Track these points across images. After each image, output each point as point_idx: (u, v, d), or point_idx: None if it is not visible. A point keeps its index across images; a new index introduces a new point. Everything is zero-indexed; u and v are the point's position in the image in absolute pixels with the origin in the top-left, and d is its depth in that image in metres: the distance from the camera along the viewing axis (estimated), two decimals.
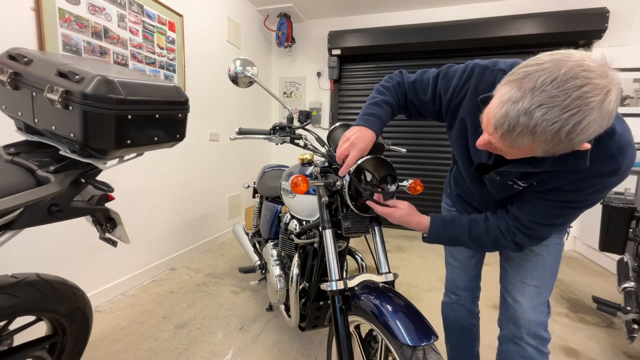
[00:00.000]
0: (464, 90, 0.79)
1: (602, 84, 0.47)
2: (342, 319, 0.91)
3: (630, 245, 1.72)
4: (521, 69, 0.53)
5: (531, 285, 0.89)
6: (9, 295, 0.82)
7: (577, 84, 0.47)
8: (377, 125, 0.87)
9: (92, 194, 0.96)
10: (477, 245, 0.86)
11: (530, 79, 0.50)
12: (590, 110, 0.48)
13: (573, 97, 0.47)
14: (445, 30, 3.05)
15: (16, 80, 0.79)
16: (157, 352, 1.46)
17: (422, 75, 0.91)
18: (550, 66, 0.49)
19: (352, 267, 2.30)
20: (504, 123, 0.53)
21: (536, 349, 0.87)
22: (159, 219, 2.23)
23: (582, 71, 0.47)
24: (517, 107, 0.51)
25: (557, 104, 0.48)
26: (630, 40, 2.81)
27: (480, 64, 0.78)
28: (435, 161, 3.51)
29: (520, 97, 0.51)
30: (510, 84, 0.53)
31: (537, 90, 0.49)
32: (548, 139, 0.51)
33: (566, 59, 0.49)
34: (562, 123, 0.49)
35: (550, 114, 0.49)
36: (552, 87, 0.48)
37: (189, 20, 2.38)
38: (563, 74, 0.48)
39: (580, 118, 0.48)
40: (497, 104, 0.55)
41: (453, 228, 0.87)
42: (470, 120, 0.80)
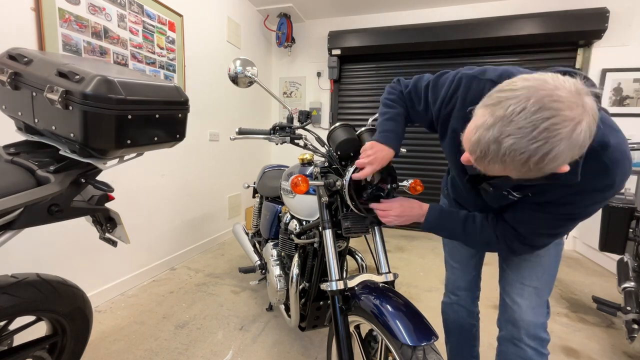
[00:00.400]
0: (453, 101, 0.80)
1: (571, 116, 0.47)
2: (342, 319, 0.91)
3: (630, 245, 1.72)
4: (495, 94, 0.53)
5: (530, 286, 0.89)
6: (9, 295, 0.82)
7: (545, 116, 0.47)
8: (396, 142, 0.90)
9: (92, 194, 0.96)
10: (468, 241, 0.89)
11: (501, 106, 0.51)
12: (558, 141, 0.48)
13: (540, 129, 0.48)
14: (445, 30, 3.05)
15: (16, 80, 0.79)
16: (157, 352, 1.46)
17: (417, 84, 0.91)
18: (521, 94, 0.50)
19: (352, 267, 2.30)
20: (476, 149, 0.55)
21: (535, 350, 0.87)
22: (159, 219, 2.23)
23: (552, 102, 0.47)
24: (487, 135, 0.52)
25: (525, 135, 0.49)
26: (630, 40, 2.81)
27: (468, 74, 0.77)
28: (435, 161, 3.51)
29: (491, 124, 0.51)
30: (484, 109, 0.54)
31: (507, 119, 0.50)
32: (517, 167, 0.53)
33: (539, 86, 0.49)
34: (530, 154, 0.49)
35: (518, 145, 0.49)
36: (521, 118, 0.49)
37: (189, 20, 2.38)
38: (532, 104, 0.48)
39: (548, 149, 0.49)
40: (471, 128, 0.56)
41: (449, 220, 0.88)
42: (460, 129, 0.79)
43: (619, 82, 2.85)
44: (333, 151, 1.02)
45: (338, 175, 1.01)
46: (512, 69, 0.73)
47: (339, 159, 1.02)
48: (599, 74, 2.91)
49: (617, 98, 2.87)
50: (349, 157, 1.02)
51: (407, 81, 0.95)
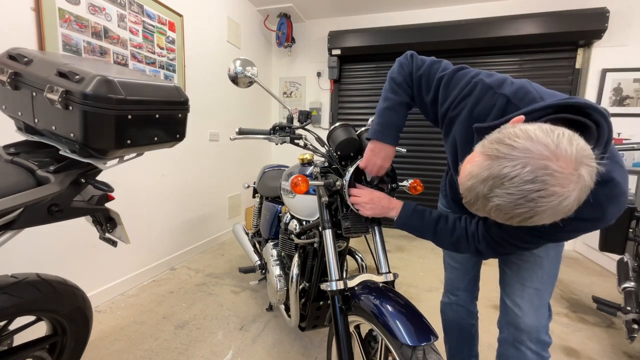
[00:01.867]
0: (461, 106, 0.77)
1: (560, 192, 0.48)
2: (342, 319, 0.91)
3: (630, 245, 1.72)
4: (496, 145, 0.53)
5: (530, 287, 0.88)
6: (9, 295, 0.82)
7: (535, 188, 0.49)
8: (393, 136, 0.90)
9: (92, 194, 0.96)
10: (437, 241, 0.89)
11: (497, 164, 0.51)
12: (542, 211, 0.50)
13: (527, 199, 0.50)
14: (445, 30, 3.05)
15: (16, 80, 0.79)
16: (157, 352, 1.46)
17: (431, 69, 0.85)
18: (518, 156, 0.50)
19: (352, 267, 2.30)
20: (467, 195, 0.57)
21: (537, 354, 0.86)
22: (159, 219, 2.23)
23: (545, 175, 0.48)
24: (479, 188, 0.54)
25: (512, 200, 0.51)
26: (630, 40, 2.81)
27: (485, 82, 0.73)
28: (435, 161, 3.50)
29: (484, 178, 0.53)
30: (483, 158, 0.54)
31: (499, 180, 0.51)
32: (501, 220, 0.56)
33: (537, 153, 0.49)
34: (513, 215, 0.52)
35: (504, 206, 0.52)
36: (512, 184, 0.50)
37: (189, 20, 2.38)
38: (526, 172, 0.49)
39: (531, 215, 0.51)
40: (467, 173, 0.56)
41: (421, 219, 0.89)
42: (461, 141, 0.79)
43: (619, 82, 2.85)
44: (333, 151, 1.03)
45: (338, 175, 1.01)
46: (528, 86, 0.70)
47: (339, 159, 1.02)
48: (599, 74, 2.91)
49: (617, 98, 2.87)
50: (349, 157, 1.02)
51: (422, 61, 0.87)
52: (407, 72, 0.88)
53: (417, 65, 0.87)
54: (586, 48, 2.95)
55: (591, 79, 2.94)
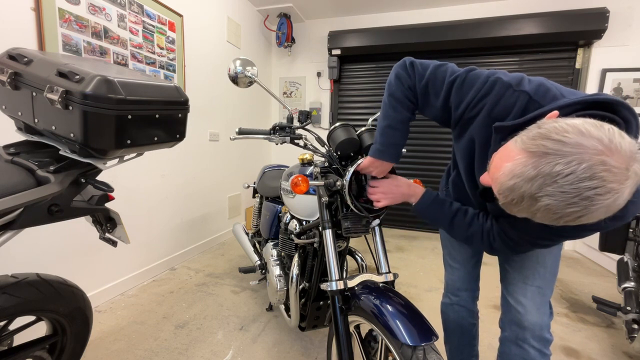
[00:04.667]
0: (479, 107, 0.73)
1: (617, 188, 0.46)
2: (342, 319, 0.91)
3: (630, 245, 1.72)
4: (541, 141, 0.50)
5: (533, 285, 0.88)
6: (9, 295, 0.82)
7: (592, 185, 0.45)
8: (394, 155, 0.89)
9: (92, 194, 0.96)
10: (452, 232, 0.88)
11: (547, 162, 0.48)
12: (596, 209, 0.47)
13: (582, 197, 0.46)
14: (445, 30, 3.05)
15: (16, 80, 0.79)
16: (157, 352, 1.46)
17: (437, 73, 0.80)
18: (571, 152, 0.47)
19: (352, 267, 2.30)
20: (508, 195, 0.53)
21: (539, 352, 0.87)
22: (159, 219, 2.23)
23: (603, 171, 0.45)
24: (525, 187, 0.50)
25: (565, 199, 0.47)
26: (630, 40, 2.81)
27: (503, 81, 0.71)
28: (435, 161, 3.51)
29: (532, 177, 0.49)
30: (526, 155, 0.50)
31: (551, 178, 0.47)
32: (545, 221, 0.52)
33: (592, 149, 0.46)
34: (563, 214, 0.49)
35: (554, 206, 0.48)
36: (566, 182, 0.46)
37: (189, 20, 2.38)
38: (582, 170, 0.45)
39: (583, 214, 0.48)
40: (507, 171, 0.52)
41: (440, 210, 0.88)
42: (480, 141, 0.76)
43: (619, 82, 2.85)
44: (333, 151, 1.03)
45: (338, 175, 1.01)
46: (547, 83, 0.68)
47: (339, 159, 1.02)
48: (599, 74, 2.91)
49: None
50: (349, 157, 1.02)
51: (423, 69, 0.82)
52: (407, 87, 0.84)
53: (420, 74, 0.83)
54: (586, 48, 2.95)
55: (591, 79, 2.94)
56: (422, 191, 0.91)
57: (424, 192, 0.91)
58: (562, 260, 2.82)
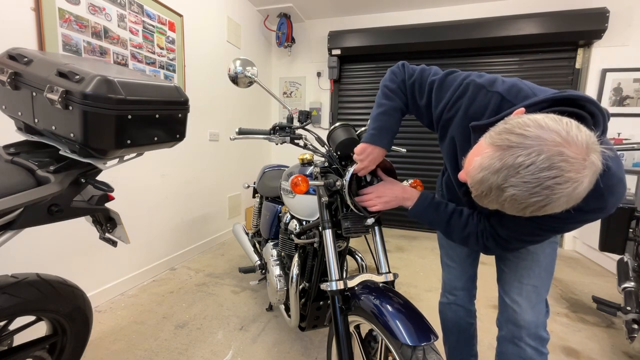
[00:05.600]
0: (456, 108, 0.77)
1: (575, 177, 0.49)
2: (342, 319, 0.91)
3: (630, 245, 1.72)
4: (505, 135, 0.53)
5: (528, 284, 0.89)
6: (9, 295, 0.82)
7: (551, 175, 0.49)
8: (387, 140, 0.89)
9: (92, 194, 0.96)
10: (449, 234, 0.89)
11: (510, 154, 0.51)
12: (557, 198, 0.50)
13: (543, 186, 0.50)
14: (445, 30, 3.05)
15: (16, 80, 0.79)
16: (157, 352, 1.46)
17: (422, 75, 0.87)
18: (532, 145, 0.50)
19: (352, 267, 2.30)
20: (478, 187, 0.56)
21: (535, 350, 0.87)
22: (159, 219, 2.23)
23: (561, 161, 0.48)
24: (492, 179, 0.53)
25: (528, 189, 0.50)
26: (630, 40, 2.81)
27: (476, 82, 0.75)
28: (435, 161, 3.51)
29: (497, 169, 0.52)
30: (493, 149, 0.54)
31: (514, 169, 0.51)
32: (513, 212, 0.56)
33: (550, 141, 0.49)
34: (528, 204, 0.52)
35: (519, 196, 0.52)
36: (527, 173, 0.50)
37: (189, 20, 2.38)
38: (541, 160, 0.49)
39: (546, 203, 0.51)
40: (477, 165, 0.56)
41: (436, 212, 0.89)
42: (460, 140, 0.79)
43: (619, 82, 2.85)
44: (333, 151, 1.03)
45: (338, 175, 1.01)
46: (520, 84, 0.72)
47: (339, 159, 1.02)
48: (599, 74, 2.91)
49: (617, 98, 2.87)
50: (349, 157, 1.02)
51: (413, 69, 0.89)
52: (400, 80, 0.90)
53: (409, 73, 0.89)
54: (586, 48, 2.95)
55: (591, 79, 2.94)
56: (418, 194, 0.91)
57: (419, 195, 0.91)
58: (562, 260, 2.82)
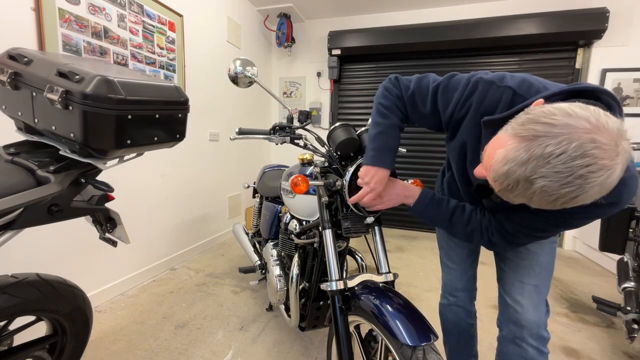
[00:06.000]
0: (467, 106, 0.76)
1: (609, 164, 0.47)
2: (342, 319, 0.91)
3: (630, 245, 1.72)
4: (531, 125, 0.51)
5: (529, 284, 0.89)
6: (9, 295, 0.82)
7: (584, 163, 0.46)
8: (389, 160, 0.86)
9: (92, 194, 0.96)
10: (452, 230, 0.88)
11: (538, 144, 0.49)
12: (590, 188, 0.48)
13: (576, 175, 0.47)
14: (445, 30, 3.05)
15: (16, 80, 0.79)
16: (157, 352, 1.46)
17: (421, 84, 0.84)
18: (561, 133, 0.48)
19: (352, 267, 2.30)
20: (503, 181, 0.54)
21: (537, 350, 0.87)
22: (159, 219, 2.23)
23: (593, 148, 0.46)
24: (519, 171, 0.51)
25: (559, 179, 0.48)
26: (630, 40, 2.81)
27: (485, 79, 0.73)
28: (435, 161, 3.51)
29: (525, 160, 0.50)
30: (517, 140, 0.52)
31: (543, 159, 0.48)
32: (542, 204, 0.53)
33: (580, 127, 0.47)
34: (559, 195, 0.50)
35: (550, 187, 0.49)
36: (558, 162, 0.47)
37: (189, 20, 2.38)
38: (573, 148, 0.47)
39: (578, 194, 0.49)
40: (501, 158, 0.53)
41: (437, 209, 0.88)
42: (471, 140, 0.78)
43: (619, 82, 2.85)
44: (333, 151, 1.03)
45: (338, 175, 1.01)
46: (530, 78, 0.70)
47: (339, 159, 1.02)
48: (599, 74, 2.91)
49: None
50: (349, 157, 1.02)
51: (407, 81, 0.87)
52: (395, 95, 0.87)
53: (405, 86, 0.87)
54: (586, 48, 2.95)
55: (591, 79, 2.94)
56: (419, 191, 0.90)
57: (420, 192, 0.90)
58: (562, 260, 2.82)
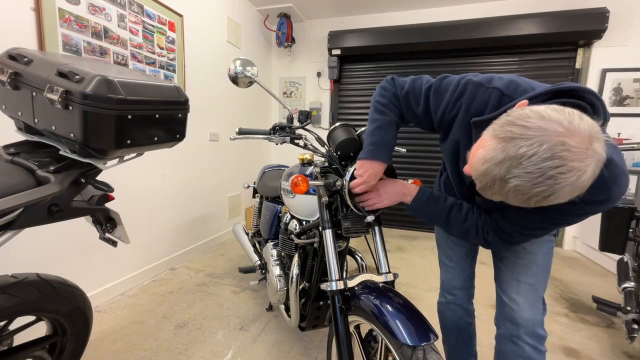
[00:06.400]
0: (456, 108, 0.79)
1: (578, 167, 0.49)
2: (342, 319, 0.91)
3: (630, 245, 1.72)
4: (508, 127, 0.54)
5: (526, 283, 0.90)
6: (9, 295, 0.82)
7: (554, 165, 0.49)
8: (386, 154, 0.88)
9: (92, 194, 0.96)
10: (449, 228, 0.90)
11: (513, 145, 0.52)
12: (561, 188, 0.50)
13: (546, 176, 0.50)
14: (445, 30, 3.05)
15: (16, 80, 0.79)
16: (157, 352, 1.46)
17: (414, 85, 0.88)
18: (534, 136, 0.50)
19: (352, 267, 2.30)
20: (482, 180, 0.57)
21: (534, 348, 0.88)
22: (159, 219, 2.23)
23: (563, 151, 0.49)
24: (495, 171, 0.54)
25: (531, 179, 0.51)
26: (630, 40, 2.81)
27: (474, 81, 0.76)
28: (435, 161, 3.51)
29: (500, 160, 0.53)
30: (496, 141, 0.54)
31: (517, 160, 0.51)
32: (518, 202, 0.56)
33: (552, 131, 0.50)
34: (532, 194, 0.52)
35: (522, 187, 0.52)
36: (530, 163, 0.50)
37: (189, 20, 2.38)
38: (544, 150, 0.49)
39: (550, 193, 0.51)
40: (480, 157, 0.56)
41: (435, 206, 0.90)
42: (463, 140, 0.81)
43: (619, 82, 2.85)
44: (333, 151, 1.03)
45: (338, 175, 1.01)
46: (517, 79, 0.73)
47: (339, 159, 1.02)
48: (599, 74, 2.91)
49: (617, 98, 2.87)
50: (349, 157, 1.02)
51: (403, 81, 0.90)
52: (392, 94, 0.90)
53: (400, 85, 0.90)
54: (586, 48, 2.95)
55: (591, 79, 2.94)
56: (416, 189, 0.92)
57: (418, 190, 0.92)
58: (562, 260, 2.82)
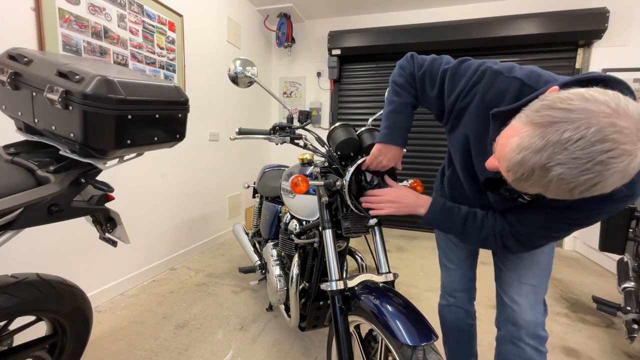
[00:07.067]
0: (471, 96, 0.74)
1: (630, 150, 0.44)
2: (342, 319, 0.91)
3: (630, 245, 1.72)
4: (546, 112, 0.48)
5: (527, 284, 0.89)
6: (9, 295, 0.82)
7: (604, 148, 0.44)
8: (401, 138, 0.89)
9: (92, 194, 0.96)
10: (466, 238, 0.86)
11: (555, 130, 0.46)
12: (611, 175, 0.45)
13: (595, 162, 0.44)
14: (445, 30, 3.05)
15: (16, 80, 0.79)
16: (157, 352, 1.46)
17: (433, 65, 0.84)
18: (579, 118, 0.45)
19: (352, 267, 2.30)
20: (517, 170, 0.51)
21: (535, 349, 0.87)
22: (159, 219, 2.23)
23: (614, 132, 0.43)
24: (534, 159, 0.48)
25: (578, 166, 0.45)
26: (630, 40, 2.81)
27: (493, 68, 0.72)
28: (435, 161, 3.51)
29: (541, 147, 0.47)
30: (532, 127, 0.49)
31: (560, 146, 0.46)
32: (559, 194, 0.50)
33: (599, 112, 0.44)
34: (577, 183, 0.47)
35: (567, 175, 0.46)
36: (577, 148, 0.45)
37: (189, 20, 2.38)
38: (592, 133, 0.44)
39: (598, 181, 0.46)
40: (514, 146, 0.51)
41: (449, 216, 0.86)
42: (474, 131, 0.76)
43: None
44: (333, 151, 1.03)
45: (338, 175, 1.01)
46: (538, 70, 0.69)
47: (339, 159, 1.02)
48: None
49: None
50: (349, 157, 1.02)
51: (422, 60, 0.86)
52: (409, 73, 0.88)
53: (419, 64, 0.87)
54: (586, 48, 2.95)
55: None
56: (430, 201, 0.88)
57: (431, 201, 0.88)
58: (562, 260, 2.82)
